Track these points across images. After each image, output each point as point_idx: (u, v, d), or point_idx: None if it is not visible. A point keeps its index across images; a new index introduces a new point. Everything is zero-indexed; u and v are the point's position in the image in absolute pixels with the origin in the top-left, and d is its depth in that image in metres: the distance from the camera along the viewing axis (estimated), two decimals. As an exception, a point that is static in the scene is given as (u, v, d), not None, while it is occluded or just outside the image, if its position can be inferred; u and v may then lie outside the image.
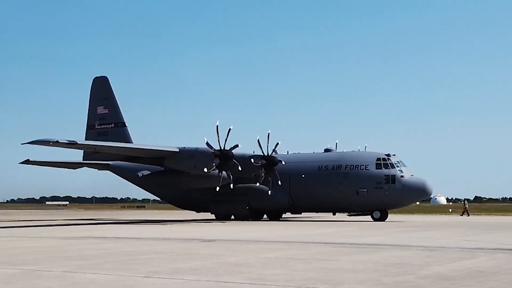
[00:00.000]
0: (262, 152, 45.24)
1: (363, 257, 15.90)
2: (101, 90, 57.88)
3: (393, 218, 49.45)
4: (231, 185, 44.00)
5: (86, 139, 55.42)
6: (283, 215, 53.63)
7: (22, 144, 38.37)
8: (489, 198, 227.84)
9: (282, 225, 38.89)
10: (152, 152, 44.53)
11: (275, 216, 51.32)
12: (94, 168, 57.00)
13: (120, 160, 49.42)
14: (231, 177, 43.95)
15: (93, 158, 53.50)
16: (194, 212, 55.22)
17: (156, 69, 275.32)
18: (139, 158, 46.45)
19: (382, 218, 45.71)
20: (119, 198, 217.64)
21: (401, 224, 39.47)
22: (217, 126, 42.18)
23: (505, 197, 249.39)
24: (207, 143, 42.22)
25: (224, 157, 42.78)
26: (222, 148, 42.71)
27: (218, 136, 42.33)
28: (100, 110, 57.72)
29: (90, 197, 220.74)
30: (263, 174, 45.02)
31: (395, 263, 14.26)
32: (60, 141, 39.23)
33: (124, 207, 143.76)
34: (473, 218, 55.47)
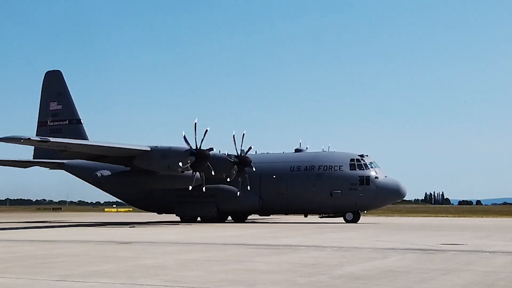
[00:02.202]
0: (236, 152, 44.07)
1: (278, 258, 16.12)
2: (54, 85, 55.54)
3: (362, 220, 47.45)
4: (204, 186, 42.69)
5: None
6: (250, 217, 51.98)
7: None
8: (402, 200, 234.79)
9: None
10: (123, 151, 42.57)
11: (241, 217, 49.72)
12: (46, 167, 54.57)
13: (83, 159, 46.99)
14: (204, 177, 42.42)
15: (47, 156, 51.55)
16: (156, 214, 53.13)
17: (115, 63, 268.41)
18: (104, 157, 44.28)
19: (355, 220, 44.73)
20: (34, 200, 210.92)
21: (318, 225, 40.09)
22: (195, 124, 40.78)
23: (417, 199, 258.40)
24: (184, 137, 40.73)
25: (200, 156, 41.38)
26: (198, 147, 41.34)
27: (195, 132, 40.92)
28: (53, 106, 55.33)
29: (4, 199, 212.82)
30: (234, 173, 43.71)
31: (310, 264, 14.53)
32: (32, 138, 37.47)
33: (40, 209, 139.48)
34: (386, 219, 56.78)
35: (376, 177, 44.28)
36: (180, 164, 40.44)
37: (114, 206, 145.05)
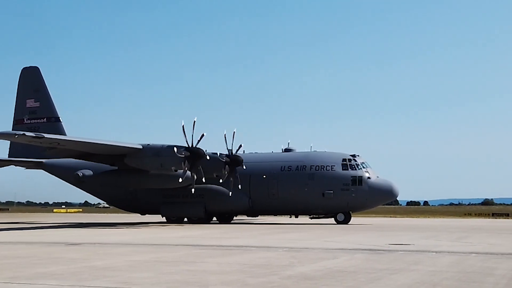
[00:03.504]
0: (227, 150, 43.01)
1: (229, 259, 16.15)
2: (31, 82, 54.09)
3: (352, 221, 47.03)
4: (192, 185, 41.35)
5: None
6: (235, 218, 51.25)
7: None
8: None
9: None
10: (115, 148, 41.13)
11: (227, 218, 48.87)
12: (23, 167, 52.86)
13: (70, 157, 45.57)
14: (196, 176, 41.18)
15: (23, 155, 49.99)
16: (139, 214, 51.70)
17: (95, 60, 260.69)
18: (92, 155, 42.85)
19: (346, 221, 44.45)
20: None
21: (268, 226, 40.27)
22: (183, 126, 39.82)
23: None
24: (183, 127, 39.55)
25: (194, 155, 40.23)
26: (192, 145, 40.19)
27: (184, 133, 39.92)
28: (30, 103, 53.86)
29: None
30: (226, 173, 42.68)
31: (260, 264, 14.61)
32: (26, 134, 36.27)
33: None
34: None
35: (369, 177, 43.92)
36: (177, 162, 39.39)
37: (63, 206, 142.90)
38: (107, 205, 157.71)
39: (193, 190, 41.28)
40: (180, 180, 40.48)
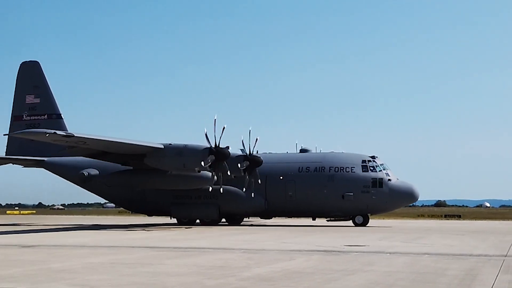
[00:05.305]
0: (245, 152, 41.67)
1: (187, 260, 16.21)
2: (31, 77, 52.19)
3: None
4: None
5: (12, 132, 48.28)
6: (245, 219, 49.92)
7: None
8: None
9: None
10: (135, 148, 39.68)
11: (238, 220, 47.19)
12: (21, 165, 50.84)
13: (87, 156, 43.66)
14: (221, 178, 39.49)
15: (21, 152, 48.49)
16: (146, 215, 50.17)
17: (98, 54, 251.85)
18: (108, 154, 41.28)
19: (364, 223, 43.17)
20: None
21: (229, 228, 40.30)
22: (206, 133, 38.19)
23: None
24: (206, 135, 38.03)
25: (220, 155, 38.64)
26: (217, 145, 38.62)
27: (207, 138, 38.35)
28: (30, 99, 51.88)
29: None
30: (247, 176, 41.35)
31: (218, 266, 14.71)
32: (57, 132, 34.80)
33: None
34: (294, 222, 57.24)
35: (389, 180, 43.05)
36: (202, 163, 37.89)
37: (16, 208, 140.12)
38: (61, 207, 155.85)
39: (221, 189, 40.18)
40: (210, 189, 39.93)
